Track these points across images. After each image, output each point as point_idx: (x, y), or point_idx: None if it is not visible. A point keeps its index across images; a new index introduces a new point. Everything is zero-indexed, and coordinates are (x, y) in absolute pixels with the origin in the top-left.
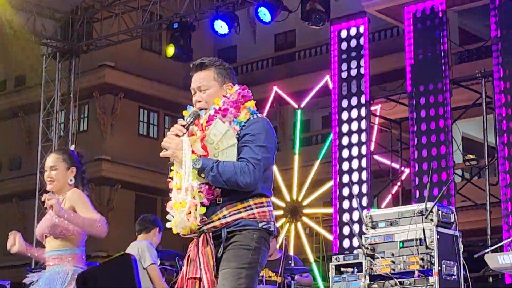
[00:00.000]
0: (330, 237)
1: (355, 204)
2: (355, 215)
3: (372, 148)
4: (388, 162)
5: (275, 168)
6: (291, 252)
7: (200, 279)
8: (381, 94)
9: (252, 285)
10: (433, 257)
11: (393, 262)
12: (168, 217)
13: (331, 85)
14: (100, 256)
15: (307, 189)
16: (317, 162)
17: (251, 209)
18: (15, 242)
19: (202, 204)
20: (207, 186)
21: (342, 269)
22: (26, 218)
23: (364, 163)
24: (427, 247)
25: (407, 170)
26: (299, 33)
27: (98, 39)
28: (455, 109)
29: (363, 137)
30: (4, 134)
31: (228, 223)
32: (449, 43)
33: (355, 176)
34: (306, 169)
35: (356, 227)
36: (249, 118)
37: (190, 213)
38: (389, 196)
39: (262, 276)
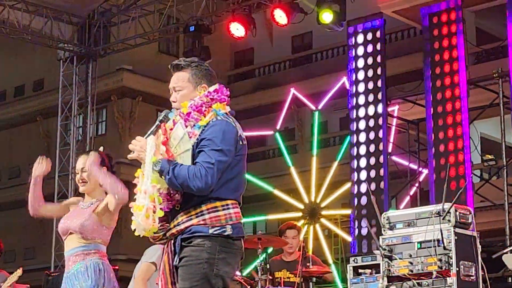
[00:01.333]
0: (348, 238)
1: (373, 203)
2: (373, 217)
3: (389, 149)
4: (406, 163)
5: (293, 170)
6: (310, 253)
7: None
8: (398, 95)
9: None
10: (451, 258)
11: (411, 263)
12: (132, 218)
13: (348, 86)
14: (119, 259)
15: (325, 191)
16: (335, 164)
17: (203, 214)
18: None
19: (161, 207)
20: (166, 192)
21: (360, 270)
22: (44, 222)
23: (381, 164)
24: (445, 248)
25: (425, 171)
26: (316, 35)
27: (115, 43)
28: (473, 109)
29: (381, 137)
30: (23, 138)
31: (182, 230)
32: (466, 43)
33: (373, 177)
34: (324, 171)
35: (374, 228)
36: (209, 122)
37: (148, 216)
38: (407, 197)
39: (280, 278)
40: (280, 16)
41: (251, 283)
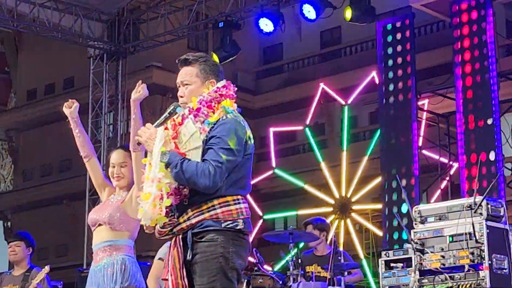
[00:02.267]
0: (379, 233)
1: (403, 197)
2: (404, 209)
3: (420, 143)
4: (436, 156)
5: (323, 165)
6: (341, 248)
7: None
8: (428, 89)
9: None
10: (483, 251)
11: (443, 256)
12: (138, 207)
13: (377, 81)
14: (151, 256)
15: (355, 185)
16: (365, 158)
17: (214, 209)
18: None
19: (168, 196)
20: (174, 186)
21: (391, 264)
22: (76, 219)
23: (412, 158)
24: (476, 241)
25: (455, 165)
26: (345, 30)
27: (144, 40)
28: (503, 102)
29: (411, 132)
30: (54, 136)
31: (193, 224)
32: (496, 35)
33: (403, 172)
34: (354, 165)
35: (405, 221)
36: (219, 119)
37: (155, 205)
38: (438, 191)
39: (312, 273)
40: (309, 11)
41: (283, 278)
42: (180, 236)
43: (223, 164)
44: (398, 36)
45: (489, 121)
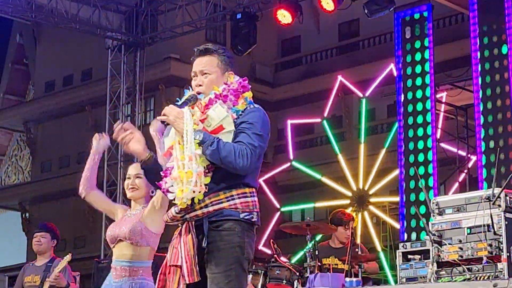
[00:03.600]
0: (397, 225)
1: (421, 188)
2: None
3: (438, 135)
4: (454, 149)
5: (341, 157)
6: (358, 241)
7: (180, 267)
8: (446, 81)
9: (241, 282)
10: (502, 243)
11: (461, 248)
12: (170, 189)
13: (395, 73)
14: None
15: (373, 178)
16: (383, 151)
17: (233, 199)
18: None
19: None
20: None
21: (409, 256)
22: (94, 211)
23: (430, 151)
24: (495, 233)
25: (474, 157)
26: (363, 22)
27: (162, 31)
28: None
29: (429, 124)
30: (72, 128)
31: (210, 212)
32: None
33: (421, 164)
34: (372, 158)
35: (422, 209)
36: (247, 107)
37: (196, 184)
38: (456, 184)
39: (329, 265)
40: (327, 3)
41: (300, 269)
42: (193, 223)
43: (256, 149)
44: (417, 27)
45: (508, 114)
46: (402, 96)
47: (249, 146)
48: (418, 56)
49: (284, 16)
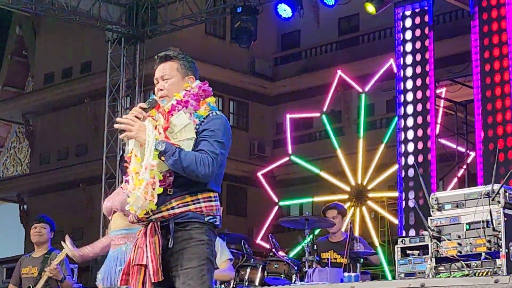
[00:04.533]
0: (395, 221)
1: (421, 185)
2: (421, 198)
3: (437, 131)
4: (453, 145)
5: (340, 152)
6: (356, 234)
7: (146, 266)
8: (446, 77)
9: (211, 278)
10: (500, 239)
11: (460, 244)
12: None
13: (395, 69)
14: None
15: (371, 173)
16: (382, 146)
17: (199, 202)
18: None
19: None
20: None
21: (408, 251)
22: (92, 203)
23: (429, 146)
24: (494, 229)
25: (472, 154)
26: (363, 17)
27: (162, 24)
28: None
29: (428, 119)
30: (71, 120)
31: (176, 214)
32: None
33: (420, 160)
34: (371, 153)
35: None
36: (209, 114)
37: (147, 192)
38: (455, 180)
39: (328, 259)
40: None
41: (298, 264)
42: (159, 224)
43: (218, 156)
44: (417, 23)
45: (508, 114)
46: (402, 93)
47: (211, 154)
48: (418, 52)
49: (284, 10)
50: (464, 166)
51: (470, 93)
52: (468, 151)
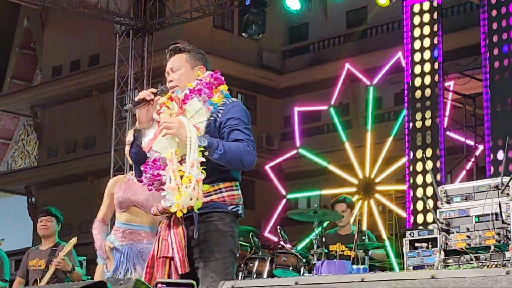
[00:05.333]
0: (403, 214)
1: (429, 179)
2: (429, 191)
3: (445, 124)
4: (462, 138)
5: (347, 145)
6: (364, 228)
7: (171, 258)
8: (455, 69)
9: (234, 270)
10: (510, 232)
11: (469, 237)
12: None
13: (403, 62)
14: None
15: (379, 166)
16: (390, 139)
17: (221, 192)
18: None
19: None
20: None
21: (416, 244)
22: (101, 197)
23: (437, 139)
24: (503, 222)
25: (481, 147)
26: (371, 10)
27: (170, 16)
28: None
29: (436, 113)
30: (79, 113)
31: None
32: None
33: (428, 153)
34: (379, 146)
35: (430, 202)
36: (225, 102)
37: (194, 189)
38: (463, 173)
39: (336, 251)
40: None
41: (306, 256)
42: (182, 216)
43: (253, 142)
44: (425, 16)
45: None
46: (410, 86)
47: (250, 143)
48: (426, 44)
49: (292, 3)
50: (473, 159)
51: (479, 86)
52: (476, 144)
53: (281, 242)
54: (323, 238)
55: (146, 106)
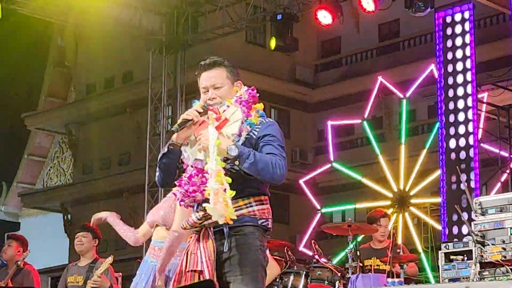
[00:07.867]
0: (438, 226)
1: (464, 191)
2: (464, 203)
3: (479, 136)
4: (496, 150)
5: (381, 158)
6: (399, 241)
7: (200, 272)
8: (488, 81)
9: (264, 284)
10: None
11: (504, 249)
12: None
13: (436, 74)
14: None
15: (414, 179)
16: (424, 152)
17: (251, 206)
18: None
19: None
20: None
21: (451, 257)
22: (136, 213)
23: (471, 151)
24: None
25: None
26: (403, 22)
27: (203, 32)
28: None
29: (470, 125)
30: (113, 130)
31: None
32: None
33: (463, 165)
34: (413, 159)
35: (465, 215)
36: (261, 121)
37: (217, 200)
38: (498, 184)
39: (371, 266)
40: (368, 3)
41: (341, 270)
42: (211, 229)
43: (285, 159)
44: (458, 27)
45: None
46: (443, 99)
47: (281, 157)
48: (459, 56)
49: (324, 17)
50: (508, 171)
51: None
52: (511, 156)
53: (316, 256)
54: (358, 252)
55: (192, 126)
